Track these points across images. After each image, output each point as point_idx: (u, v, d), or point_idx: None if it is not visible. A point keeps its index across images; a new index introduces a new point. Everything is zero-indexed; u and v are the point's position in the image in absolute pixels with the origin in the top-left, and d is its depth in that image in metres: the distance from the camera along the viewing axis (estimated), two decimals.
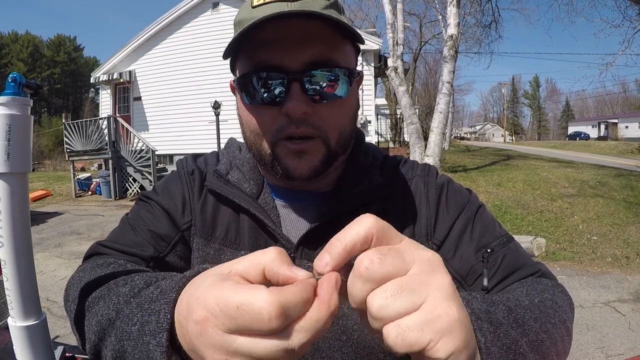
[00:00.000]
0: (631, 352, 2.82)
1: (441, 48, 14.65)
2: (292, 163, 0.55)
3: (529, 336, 0.40)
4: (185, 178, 0.67)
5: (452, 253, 0.62)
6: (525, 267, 0.61)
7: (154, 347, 0.35)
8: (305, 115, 0.52)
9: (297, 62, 0.51)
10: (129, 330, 0.38)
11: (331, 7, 0.53)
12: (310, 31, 0.50)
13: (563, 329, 0.48)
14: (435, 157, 7.43)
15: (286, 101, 0.52)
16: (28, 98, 0.41)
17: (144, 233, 0.62)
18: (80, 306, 0.49)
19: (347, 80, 0.55)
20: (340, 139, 0.57)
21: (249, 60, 0.54)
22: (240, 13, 0.56)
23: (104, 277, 0.50)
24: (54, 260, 5.18)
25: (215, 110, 9.48)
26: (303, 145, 0.54)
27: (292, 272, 0.30)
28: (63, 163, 19.21)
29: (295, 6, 0.50)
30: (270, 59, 0.52)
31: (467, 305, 0.35)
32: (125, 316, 0.40)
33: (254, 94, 0.54)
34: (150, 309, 0.37)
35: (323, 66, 0.52)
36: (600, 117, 50.41)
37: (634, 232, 5.54)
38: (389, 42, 8.78)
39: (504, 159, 14.31)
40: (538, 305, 0.47)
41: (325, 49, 0.52)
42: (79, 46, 52.42)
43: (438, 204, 0.64)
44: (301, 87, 0.52)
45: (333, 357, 0.57)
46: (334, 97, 0.54)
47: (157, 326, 0.35)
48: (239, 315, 0.27)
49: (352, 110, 0.59)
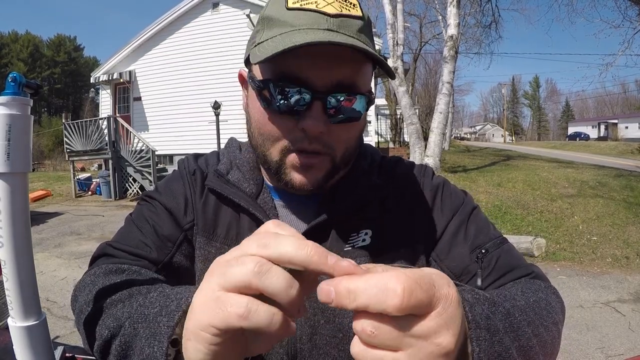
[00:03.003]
0: (631, 352, 2.82)
1: (441, 48, 14.65)
2: (297, 176, 0.56)
3: (520, 341, 0.41)
4: (187, 178, 0.67)
5: (446, 253, 0.62)
6: (520, 268, 0.61)
7: (164, 324, 0.36)
8: (321, 135, 0.53)
9: (325, 82, 0.51)
10: (147, 313, 0.40)
11: (365, 29, 0.53)
12: (343, 53, 0.49)
13: (555, 331, 0.49)
14: (435, 157, 7.44)
15: (306, 117, 0.52)
16: (28, 98, 0.41)
17: (149, 234, 0.63)
18: (95, 308, 0.49)
19: (364, 105, 0.55)
20: (346, 155, 0.58)
21: (275, 66, 0.52)
22: (271, 8, 0.53)
23: (122, 283, 0.51)
24: (54, 260, 5.18)
25: (215, 110, 9.48)
26: (312, 160, 0.55)
27: (337, 261, 0.31)
28: (63, 163, 19.21)
29: (334, 24, 0.49)
30: (298, 71, 0.51)
31: (470, 311, 0.35)
32: (148, 302, 0.42)
33: (273, 101, 0.52)
34: (174, 294, 0.39)
35: (347, 90, 0.52)
36: (600, 117, 50.42)
37: (633, 233, 5.54)
38: (389, 43, 8.78)
39: (503, 159, 14.31)
40: (532, 306, 0.48)
41: (352, 72, 0.52)
42: (79, 46, 52.45)
43: (433, 204, 0.65)
44: (323, 107, 0.52)
45: (330, 355, 0.58)
46: (349, 120, 0.54)
47: (176, 306, 0.37)
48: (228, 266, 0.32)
49: (361, 130, 0.60)
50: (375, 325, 0.29)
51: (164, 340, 0.36)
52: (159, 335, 0.37)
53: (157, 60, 12.21)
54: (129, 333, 0.41)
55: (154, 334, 0.37)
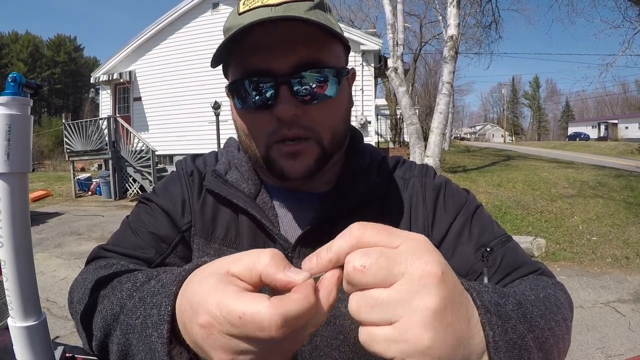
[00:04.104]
0: (631, 352, 2.82)
1: (441, 48, 14.64)
2: (287, 164, 0.56)
3: (535, 332, 0.40)
4: (185, 179, 0.67)
5: (450, 253, 0.62)
6: (526, 265, 0.61)
7: (155, 339, 0.36)
8: (296, 117, 0.53)
9: (285, 66, 0.52)
10: (133, 324, 0.39)
11: (316, 8, 0.54)
12: (296, 34, 0.51)
13: (564, 328, 0.48)
14: (435, 157, 7.43)
15: (276, 104, 0.53)
16: (28, 98, 0.41)
17: (144, 235, 0.63)
18: (86, 306, 0.50)
19: (336, 79, 0.55)
20: (334, 139, 0.58)
21: (238, 66, 0.55)
22: (228, 21, 0.57)
23: (108, 277, 0.51)
24: (54, 260, 5.18)
25: (215, 110, 9.49)
26: (296, 146, 0.55)
27: (288, 277, 0.30)
28: (63, 163, 19.20)
29: (280, 11, 0.50)
30: (258, 64, 0.53)
31: (478, 297, 0.34)
32: (129, 310, 0.41)
33: (245, 99, 0.55)
34: (152, 302, 0.38)
35: (311, 67, 0.53)
36: (600, 117, 50.40)
37: (633, 233, 5.54)
38: (389, 43, 8.78)
39: (503, 159, 14.31)
40: (543, 301, 0.47)
41: (312, 50, 0.53)
42: (79, 46, 52.44)
43: (435, 205, 0.65)
44: (290, 90, 0.52)
45: (331, 356, 0.58)
46: (323, 97, 0.55)
47: (158, 319, 0.36)
48: (241, 324, 0.28)
49: (344, 109, 0.60)
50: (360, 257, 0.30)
51: (164, 358, 0.36)
52: (157, 353, 0.36)
53: (157, 60, 12.20)
54: (123, 343, 0.41)
55: (151, 349, 0.37)
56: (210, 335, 0.30)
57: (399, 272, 0.29)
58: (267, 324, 0.27)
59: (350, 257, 0.30)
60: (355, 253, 0.30)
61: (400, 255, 0.30)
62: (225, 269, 0.32)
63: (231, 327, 0.29)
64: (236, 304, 0.29)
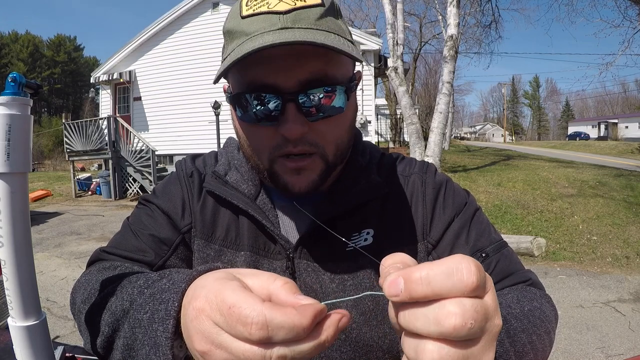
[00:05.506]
0: (631, 352, 2.82)
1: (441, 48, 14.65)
2: (291, 179, 0.55)
3: (516, 347, 0.42)
4: (185, 180, 0.67)
5: (447, 254, 0.62)
6: (517, 274, 0.62)
7: (161, 333, 0.36)
8: (303, 136, 0.51)
9: (292, 82, 0.49)
10: (140, 318, 0.40)
11: (327, 14, 0.51)
12: (305, 48, 0.47)
13: (547, 340, 0.50)
14: (435, 157, 7.43)
15: (282, 122, 0.50)
16: (28, 98, 0.41)
17: (145, 238, 0.63)
18: (93, 305, 0.49)
19: (344, 94, 0.53)
20: (338, 151, 0.56)
21: (242, 78, 0.52)
22: (229, 21, 0.53)
23: (117, 276, 0.51)
24: (54, 260, 5.18)
25: (215, 110, 9.49)
26: (301, 162, 0.53)
27: (295, 299, 0.30)
28: (63, 163, 19.21)
29: (289, 20, 0.47)
30: (263, 78, 0.49)
31: None
32: (139, 305, 0.41)
33: (249, 112, 0.52)
34: (161, 298, 0.38)
35: (319, 84, 0.50)
36: (600, 117, 50.35)
37: (634, 232, 5.54)
38: (389, 43, 8.77)
39: (504, 159, 14.30)
40: (527, 315, 0.50)
41: (321, 64, 0.50)
42: (79, 46, 52.39)
43: (435, 203, 0.64)
44: (297, 108, 0.50)
45: (332, 356, 0.58)
46: (331, 112, 0.52)
47: (165, 314, 0.36)
48: (228, 314, 0.29)
49: (349, 120, 0.58)
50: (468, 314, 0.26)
51: (167, 352, 0.36)
52: (161, 347, 0.37)
53: (157, 60, 12.20)
54: (129, 337, 0.41)
55: (155, 344, 0.37)
56: (198, 318, 0.30)
57: (487, 327, 0.28)
58: (250, 320, 0.27)
59: (456, 305, 0.26)
60: (463, 306, 0.26)
61: (490, 310, 0.28)
62: (239, 277, 0.33)
63: (219, 315, 0.29)
64: (232, 295, 0.29)
